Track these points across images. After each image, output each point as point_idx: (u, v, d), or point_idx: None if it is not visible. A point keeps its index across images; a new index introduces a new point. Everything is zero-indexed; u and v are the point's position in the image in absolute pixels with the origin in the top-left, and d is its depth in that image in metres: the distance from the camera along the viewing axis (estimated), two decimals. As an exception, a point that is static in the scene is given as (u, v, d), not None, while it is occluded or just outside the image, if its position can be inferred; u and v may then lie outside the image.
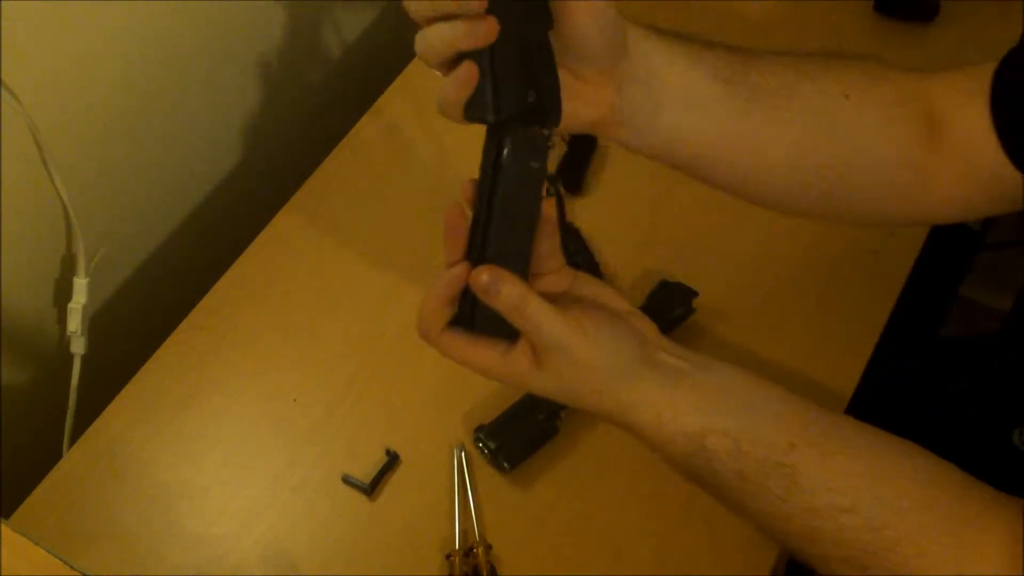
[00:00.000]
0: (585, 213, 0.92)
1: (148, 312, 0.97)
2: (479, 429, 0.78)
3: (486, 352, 0.59)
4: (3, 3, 0.71)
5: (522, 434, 0.77)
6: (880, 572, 0.57)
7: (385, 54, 1.12)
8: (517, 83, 0.53)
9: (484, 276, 0.55)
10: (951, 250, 1.26)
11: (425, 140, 0.98)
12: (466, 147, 0.55)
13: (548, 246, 0.58)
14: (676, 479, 0.76)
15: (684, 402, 0.59)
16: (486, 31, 0.52)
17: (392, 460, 0.80)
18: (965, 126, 0.65)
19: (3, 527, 0.59)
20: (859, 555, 0.57)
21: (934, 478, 0.59)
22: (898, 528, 0.57)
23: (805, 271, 0.87)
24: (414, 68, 1.03)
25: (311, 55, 1.10)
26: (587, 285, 0.61)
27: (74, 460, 0.82)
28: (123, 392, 0.85)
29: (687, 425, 0.59)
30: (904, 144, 0.66)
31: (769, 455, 0.58)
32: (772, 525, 0.60)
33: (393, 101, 1.01)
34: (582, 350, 0.57)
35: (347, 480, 0.79)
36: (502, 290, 0.55)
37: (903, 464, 0.60)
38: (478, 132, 0.54)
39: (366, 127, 1.00)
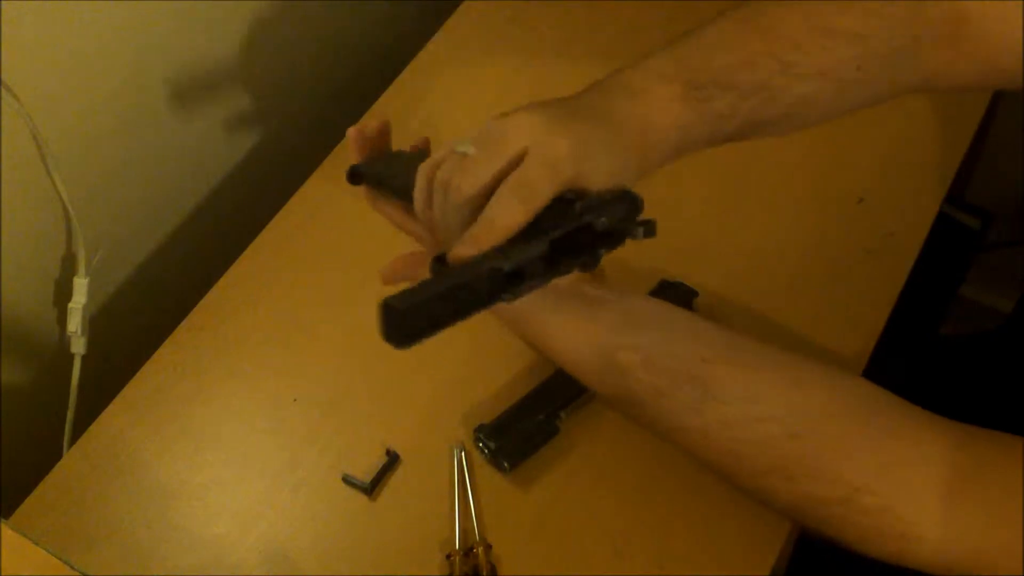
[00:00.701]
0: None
1: (148, 312, 0.97)
2: (479, 429, 0.78)
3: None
4: (3, 3, 0.71)
5: (522, 434, 0.77)
6: (803, 480, 0.57)
7: (385, 54, 1.12)
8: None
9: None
10: (951, 250, 1.26)
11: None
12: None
13: None
14: (676, 479, 0.76)
15: (600, 324, 0.61)
16: None
17: (392, 460, 0.80)
18: (994, 28, 0.64)
19: (3, 527, 0.59)
20: (783, 464, 0.57)
21: (857, 392, 0.59)
22: (818, 435, 0.57)
23: (805, 271, 0.87)
24: (414, 68, 1.03)
25: (311, 55, 1.10)
26: None
27: (74, 460, 0.82)
28: (123, 392, 0.85)
29: (600, 343, 0.60)
30: (924, 62, 0.65)
31: (680, 367, 0.59)
32: (692, 442, 0.60)
33: (393, 102, 1.01)
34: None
35: (347, 480, 0.79)
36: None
37: (821, 377, 0.60)
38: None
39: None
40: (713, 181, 0.93)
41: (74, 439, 0.84)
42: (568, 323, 0.61)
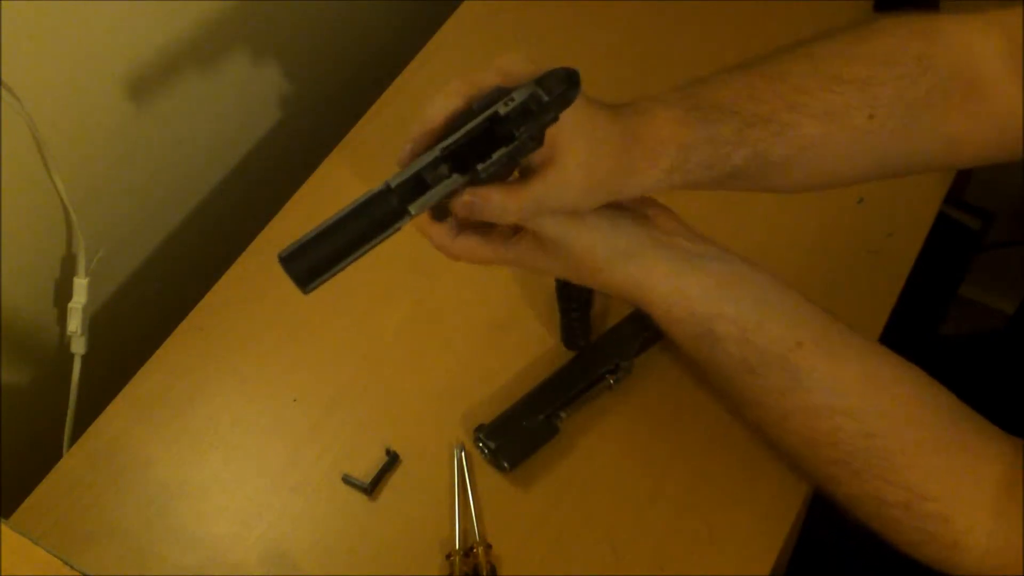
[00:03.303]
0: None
1: (148, 312, 0.97)
2: (479, 429, 0.78)
3: (498, 247, 0.61)
4: (3, 3, 0.71)
5: (522, 434, 0.77)
6: (870, 478, 0.58)
7: (385, 54, 1.12)
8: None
9: (466, 198, 0.56)
10: (951, 250, 1.26)
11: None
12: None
13: None
14: (676, 479, 0.76)
15: (695, 286, 0.60)
16: None
17: (392, 460, 0.80)
18: (1008, 91, 0.64)
19: (3, 527, 0.59)
20: (852, 459, 0.58)
21: (935, 400, 0.60)
22: (892, 439, 0.58)
23: (805, 271, 0.87)
24: (413, 69, 1.03)
25: (311, 55, 1.10)
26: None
27: (74, 460, 0.82)
28: (123, 392, 0.85)
29: (696, 308, 0.60)
30: (941, 123, 0.65)
31: (775, 349, 0.60)
32: (769, 420, 0.61)
33: (392, 102, 1.01)
34: (579, 238, 0.59)
35: (347, 480, 0.79)
36: (484, 208, 0.56)
37: (905, 381, 0.61)
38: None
39: (365, 128, 0.99)
40: (713, 181, 0.93)
41: (74, 439, 0.84)
42: (655, 276, 0.60)
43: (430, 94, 0.57)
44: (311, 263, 0.53)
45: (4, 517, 0.74)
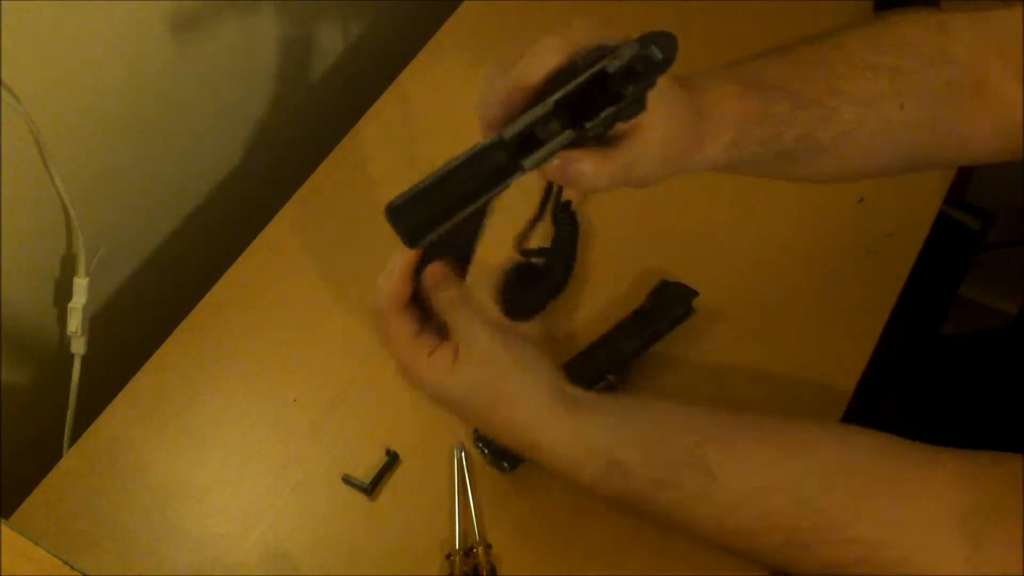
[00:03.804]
0: (585, 212, 0.92)
1: (148, 312, 0.97)
2: (479, 429, 0.78)
3: (421, 346, 0.60)
4: (3, 3, 0.71)
5: (522, 434, 0.77)
6: (820, 547, 0.56)
7: (384, 55, 1.12)
8: None
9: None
10: (951, 250, 1.26)
11: (424, 141, 0.98)
12: (465, 148, 0.54)
13: None
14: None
15: (592, 424, 0.59)
16: None
17: (392, 460, 0.80)
18: (1011, 96, 0.65)
19: (3, 527, 0.59)
20: (795, 535, 0.56)
21: (864, 445, 0.58)
22: (827, 497, 0.56)
23: (805, 271, 0.87)
24: (413, 69, 1.03)
25: (311, 56, 1.10)
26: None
27: (74, 460, 0.82)
28: (123, 392, 0.85)
29: (595, 444, 0.59)
30: (955, 118, 0.66)
31: (679, 456, 0.58)
32: (706, 529, 0.60)
33: (392, 102, 1.01)
34: (504, 354, 0.59)
35: (347, 480, 0.79)
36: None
37: (826, 437, 0.59)
38: (474, 135, 0.54)
39: (365, 128, 1.00)
40: (714, 181, 0.93)
41: (74, 439, 0.84)
42: (559, 423, 0.59)
43: (429, 94, 0.56)
44: (421, 216, 0.50)
45: (4, 517, 0.74)
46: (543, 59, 0.53)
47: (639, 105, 0.53)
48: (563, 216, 0.80)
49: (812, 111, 0.61)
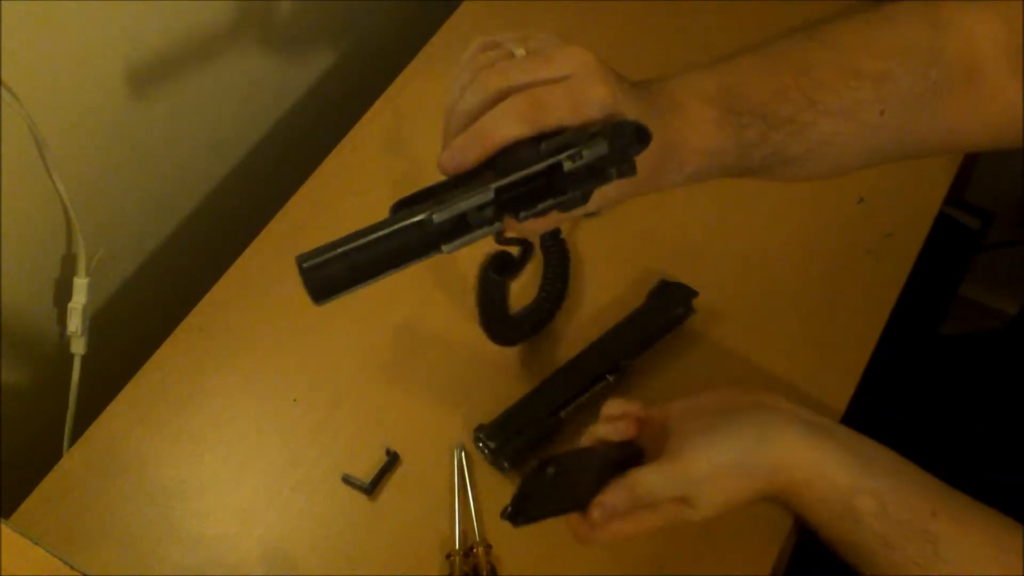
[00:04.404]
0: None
1: (148, 312, 0.97)
2: (479, 429, 0.78)
3: (645, 518, 0.62)
4: (3, 3, 0.71)
5: (522, 434, 0.77)
6: None
7: (384, 56, 1.12)
8: None
9: (595, 513, 0.60)
10: (951, 250, 1.26)
11: (424, 141, 0.98)
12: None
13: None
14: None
15: (832, 458, 0.59)
16: None
17: (392, 460, 0.80)
18: (1006, 85, 0.64)
19: (3, 527, 0.59)
20: None
21: None
22: None
23: (805, 271, 0.87)
24: (412, 69, 1.03)
25: (311, 55, 1.10)
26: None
27: (74, 460, 0.82)
28: (123, 392, 0.85)
29: (837, 483, 0.59)
30: (942, 114, 0.65)
31: (913, 520, 0.58)
32: None
33: (392, 102, 1.01)
34: (704, 466, 0.60)
35: (347, 480, 0.79)
36: (614, 502, 0.60)
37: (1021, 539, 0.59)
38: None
39: (365, 128, 1.00)
40: (714, 181, 0.93)
41: (74, 439, 0.84)
42: (795, 454, 0.60)
43: (429, 95, 0.56)
44: (332, 278, 0.51)
45: (4, 517, 0.74)
46: (509, 127, 0.52)
47: (584, 200, 0.53)
48: (553, 246, 0.79)
49: (785, 130, 0.61)
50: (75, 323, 0.86)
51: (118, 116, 0.88)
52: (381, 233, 0.51)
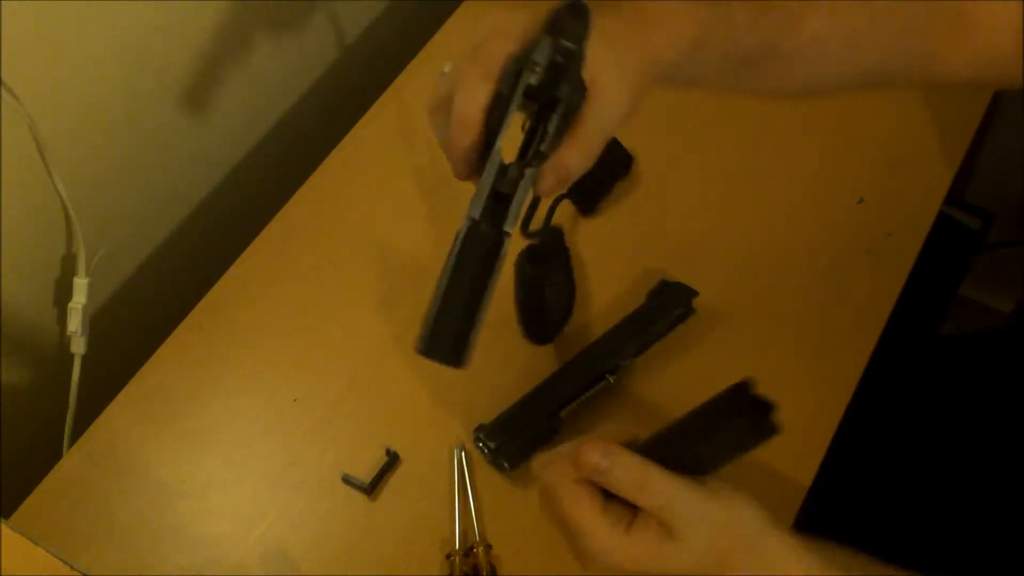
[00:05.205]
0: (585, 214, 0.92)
1: (148, 312, 0.97)
2: (479, 429, 0.78)
3: (615, 521, 0.54)
4: (3, 3, 0.71)
5: (522, 434, 0.77)
6: None
7: (384, 56, 1.12)
8: None
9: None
10: (951, 250, 1.26)
11: (425, 140, 0.98)
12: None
13: None
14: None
15: (817, 559, 0.55)
16: None
17: (392, 460, 0.80)
18: (994, 25, 0.64)
19: (3, 527, 0.59)
20: None
21: None
22: None
23: (805, 271, 0.87)
24: (413, 69, 1.03)
25: (311, 56, 1.10)
26: None
27: (74, 460, 0.82)
28: (123, 392, 0.85)
29: None
30: (924, 45, 0.65)
31: None
32: None
33: (392, 103, 1.01)
34: (720, 512, 0.53)
35: (347, 480, 0.79)
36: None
37: None
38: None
39: (365, 128, 1.00)
40: (714, 181, 0.93)
41: (74, 439, 0.84)
42: (790, 554, 0.55)
43: (440, 92, 0.55)
44: (452, 338, 0.50)
45: (4, 517, 0.74)
46: (472, 97, 0.52)
47: (580, 91, 0.52)
48: (556, 244, 0.80)
49: (775, 17, 0.61)
50: (75, 323, 0.86)
51: (118, 116, 0.88)
52: (451, 269, 0.51)
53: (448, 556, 0.75)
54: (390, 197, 0.95)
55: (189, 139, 0.98)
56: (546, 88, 0.51)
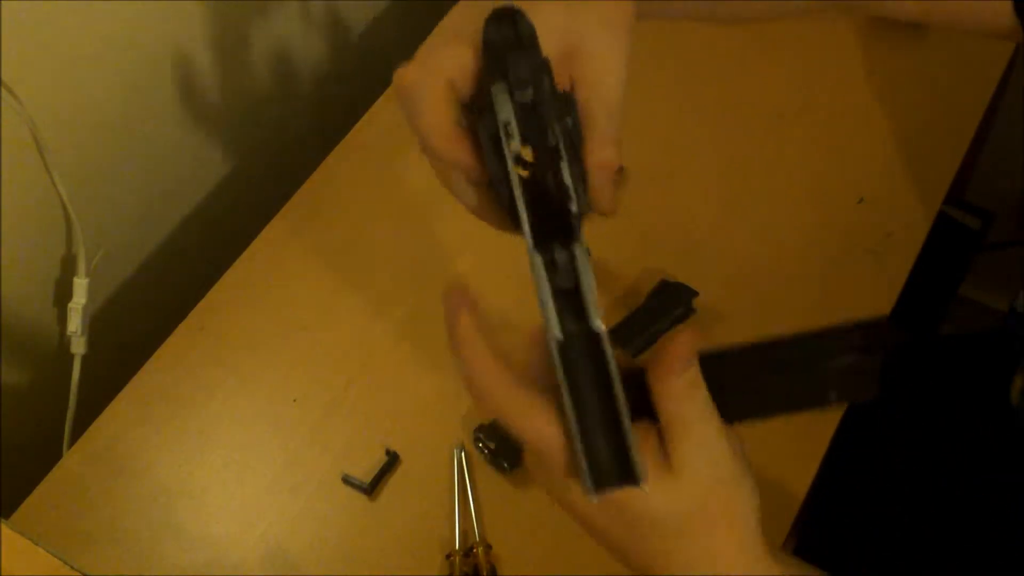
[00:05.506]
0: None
1: (148, 312, 0.97)
2: (479, 429, 0.78)
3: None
4: (3, 3, 0.71)
5: (522, 434, 0.77)
6: None
7: (384, 55, 1.12)
8: None
9: (683, 345, 0.44)
10: (951, 250, 1.26)
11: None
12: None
13: None
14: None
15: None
16: None
17: (392, 460, 0.80)
18: None
19: (3, 527, 0.59)
20: None
21: None
22: None
23: (805, 271, 0.87)
24: (414, 68, 1.03)
25: (311, 55, 1.10)
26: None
27: (74, 460, 0.82)
28: (123, 392, 0.85)
29: None
30: None
31: None
32: None
33: (392, 103, 1.01)
34: (731, 464, 0.46)
35: (347, 480, 0.79)
36: (679, 373, 0.44)
37: None
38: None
39: (365, 128, 0.99)
40: (714, 181, 0.93)
41: (74, 439, 0.84)
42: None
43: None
44: (614, 460, 0.43)
45: (4, 517, 0.74)
46: (442, 116, 0.46)
47: (571, 107, 0.46)
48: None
49: None
50: (75, 323, 0.86)
51: (118, 116, 0.88)
52: (569, 397, 0.43)
53: (448, 556, 0.75)
54: (389, 198, 0.95)
55: (189, 139, 0.98)
56: (533, 139, 0.44)
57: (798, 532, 0.76)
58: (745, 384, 0.48)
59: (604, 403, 0.43)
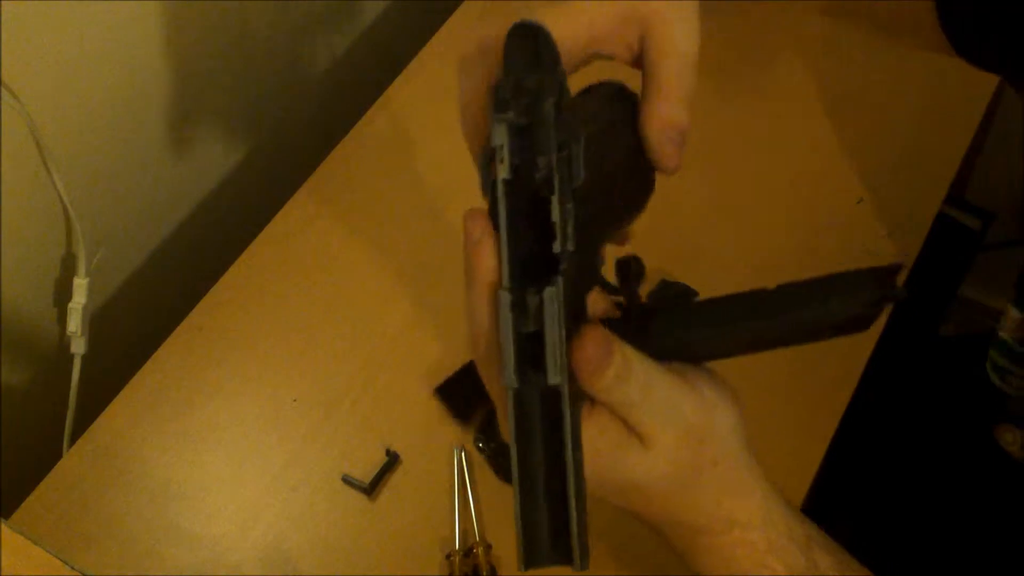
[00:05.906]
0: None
1: (148, 312, 0.97)
2: (480, 429, 0.78)
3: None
4: (3, 3, 0.71)
5: (522, 434, 0.77)
6: None
7: (385, 55, 1.12)
8: None
9: (590, 348, 0.41)
10: (951, 250, 1.26)
11: (427, 139, 0.98)
12: (465, 148, 0.54)
13: None
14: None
15: (780, 504, 0.49)
16: None
17: (392, 460, 0.80)
18: None
19: (3, 527, 0.59)
20: None
21: None
22: None
23: (805, 271, 0.87)
24: (413, 69, 1.03)
25: (311, 55, 1.10)
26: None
27: (74, 460, 0.82)
28: (123, 392, 0.85)
29: (795, 531, 0.48)
30: None
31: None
32: None
33: (393, 102, 1.01)
34: (697, 415, 0.45)
35: (347, 480, 0.79)
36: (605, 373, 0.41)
37: None
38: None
39: (365, 128, 0.99)
40: (714, 181, 0.93)
41: (74, 439, 0.84)
42: (759, 487, 0.49)
43: (430, 95, 0.53)
44: (550, 537, 0.42)
45: (4, 517, 0.74)
46: (474, 105, 0.44)
47: (574, 129, 0.41)
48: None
49: None
50: (75, 323, 0.86)
51: (118, 116, 0.88)
52: (516, 455, 0.42)
53: (448, 556, 0.75)
54: (390, 197, 0.95)
55: (189, 139, 0.98)
56: (524, 169, 0.40)
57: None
58: (746, 317, 0.48)
59: (552, 469, 0.41)
